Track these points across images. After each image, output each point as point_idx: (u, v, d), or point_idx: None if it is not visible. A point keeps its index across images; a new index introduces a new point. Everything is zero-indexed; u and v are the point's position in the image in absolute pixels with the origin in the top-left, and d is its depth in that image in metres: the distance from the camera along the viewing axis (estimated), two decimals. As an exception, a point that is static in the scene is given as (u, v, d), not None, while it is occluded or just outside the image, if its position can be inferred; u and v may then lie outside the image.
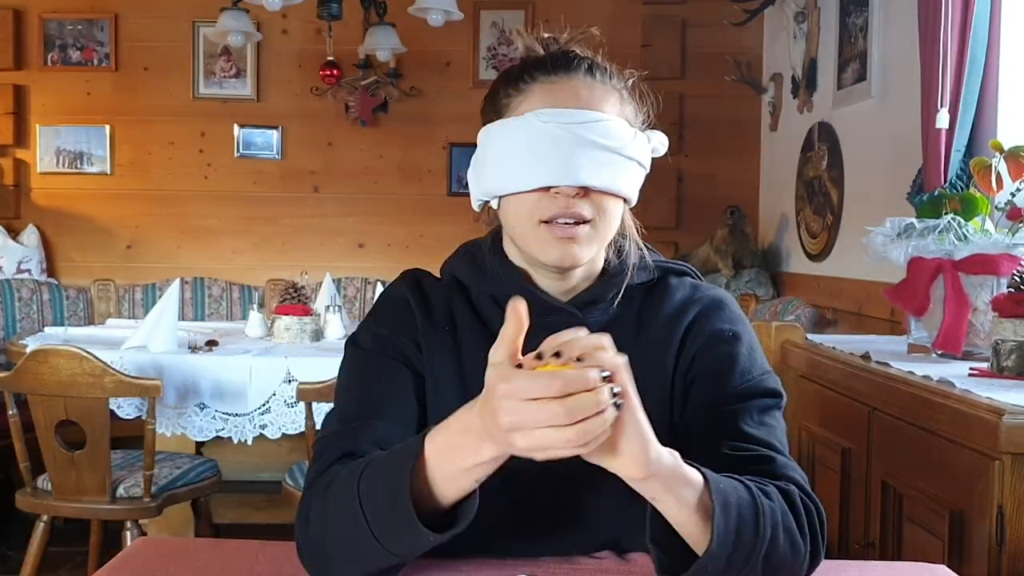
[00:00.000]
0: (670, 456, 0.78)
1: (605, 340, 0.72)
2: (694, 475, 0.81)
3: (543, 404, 0.68)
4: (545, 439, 0.69)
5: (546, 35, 1.05)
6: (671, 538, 0.83)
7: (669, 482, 0.78)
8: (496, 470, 0.98)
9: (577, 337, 0.72)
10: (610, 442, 0.73)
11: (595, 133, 0.96)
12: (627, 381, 0.72)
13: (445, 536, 0.82)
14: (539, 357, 0.72)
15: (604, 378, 0.70)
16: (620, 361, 0.72)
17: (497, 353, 0.73)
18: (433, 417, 1.02)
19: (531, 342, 1.03)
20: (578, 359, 0.71)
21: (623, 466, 0.75)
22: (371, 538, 0.84)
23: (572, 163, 0.95)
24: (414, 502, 0.80)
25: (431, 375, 1.03)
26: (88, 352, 2.35)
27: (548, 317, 1.03)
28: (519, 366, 0.72)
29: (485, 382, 0.73)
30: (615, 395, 0.70)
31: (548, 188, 0.96)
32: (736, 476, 0.86)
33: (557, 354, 0.71)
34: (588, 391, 0.68)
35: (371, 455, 0.90)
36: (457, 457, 0.79)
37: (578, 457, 0.99)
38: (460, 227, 4.10)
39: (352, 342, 1.07)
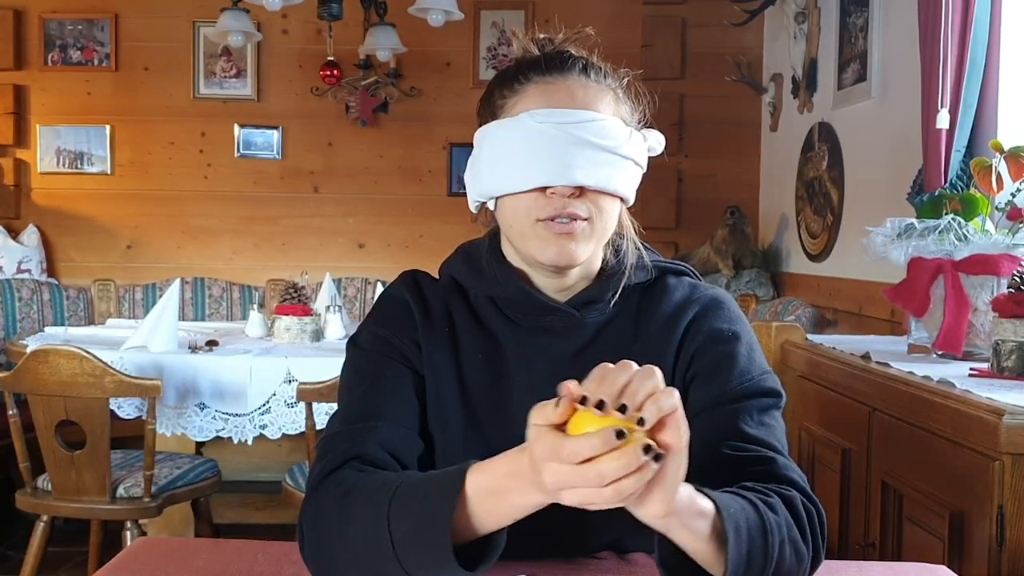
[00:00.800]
0: (686, 491, 0.77)
1: (670, 395, 0.71)
2: (706, 505, 0.80)
3: (582, 467, 0.69)
4: (589, 497, 0.71)
5: (541, 36, 1.05)
6: (680, 561, 0.83)
7: (685, 517, 0.78)
8: None
9: (637, 387, 0.71)
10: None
11: (590, 133, 0.96)
12: (680, 425, 0.71)
13: (477, 573, 0.81)
14: (600, 406, 0.70)
15: (646, 448, 0.69)
16: (671, 405, 0.71)
17: (535, 416, 0.72)
18: (433, 417, 1.02)
19: (529, 343, 1.03)
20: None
21: (645, 508, 0.74)
22: (393, 560, 0.83)
23: (567, 163, 0.95)
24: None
25: (431, 375, 1.03)
26: (88, 352, 2.35)
27: (546, 318, 1.03)
28: (582, 400, 0.71)
29: (528, 438, 0.73)
30: (656, 457, 0.69)
31: (544, 188, 0.96)
32: (742, 492, 0.86)
33: (622, 408, 0.70)
34: (617, 450, 0.68)
35: (402, 476, 0.89)
36: (500, 497, 0.79)
37: None
38: (460, 227, 4.11)
39: (352, 343, 1.07)
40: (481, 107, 1.06)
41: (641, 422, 0.69)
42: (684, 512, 0.77)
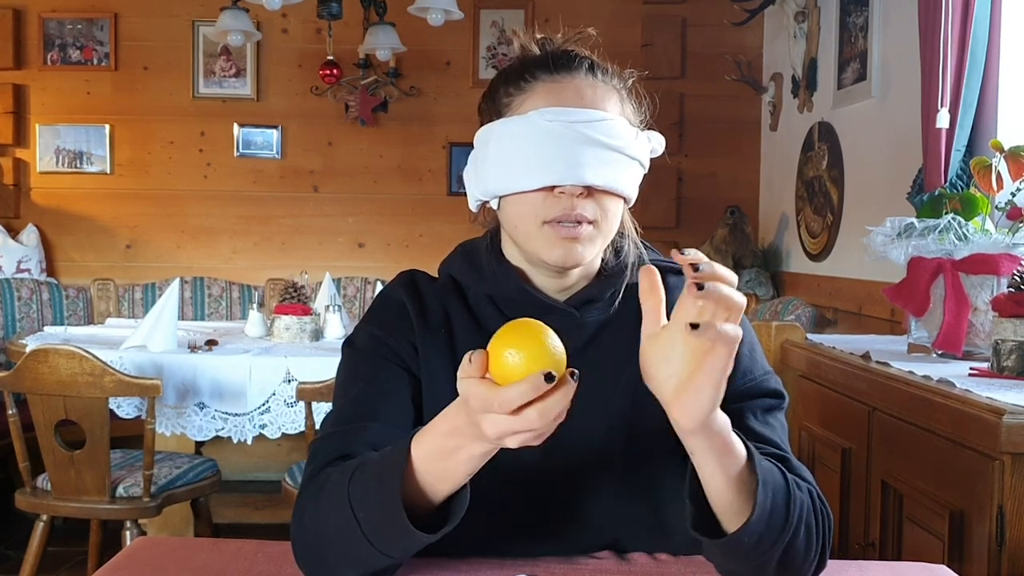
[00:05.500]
0: (724, 419, 0.80)
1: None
2: (740, 447, 0.82)
3: (520, 415, 0.71)
4: (530, 439, 0.73)
5: (539, 35, 1.04)
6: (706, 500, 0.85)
7: (715, 443, 0.80)
8: (495, 471, 0.98)
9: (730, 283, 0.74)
10: (684, 385, 0.76)
11: (599, 132, 0.96)
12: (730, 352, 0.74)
13: (437, 536, 0.83)
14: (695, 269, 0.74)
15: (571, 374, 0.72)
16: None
17: (460, 371, 0.74)
18: (429, 419, 1.02)
19: None
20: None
21: (682, 410, 0.77)
22: (364, 541, 0.84)
23: (577, 162, 0.95)
24: (405, 503, 0.81)
25: (427, 377, 1.02)
26: (88, 352, 2.35)
27: (545, 317, 1.02)
28: None
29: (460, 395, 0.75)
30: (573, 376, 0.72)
31: (552, 188, 0.96)
32: (772, 460, 0.88)
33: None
34: (555, 392, 0.71)
35: (360, 457, 0.90)
36: (447, 457, 0.80)
37: (578, 457, 1.00)
38: (460, 227, 4.11)
39: (348, 344, 1.06)
40: (484, 105, 1.05)
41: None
42: (716, 438, 0.80)
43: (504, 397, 0.71)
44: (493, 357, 0.73)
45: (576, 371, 0.73)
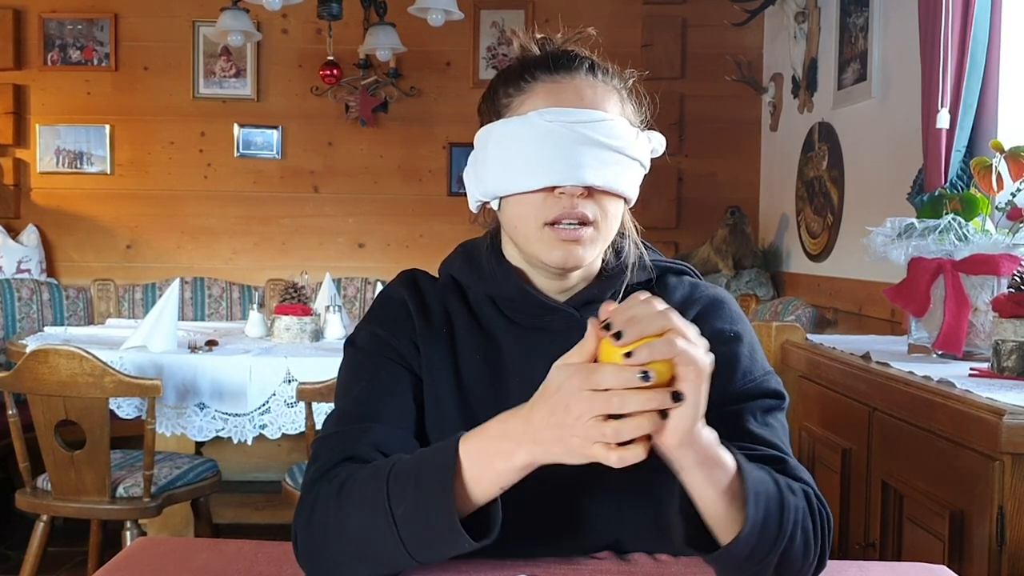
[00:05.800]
0: (709, 433, 0.80)
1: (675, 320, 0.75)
2: (728, 458, 0.82)
3: (605, 394, 0.73)
4: (597, 435, 0.74)
5: (539, 36, 1.04)
6: (697, 513, 0.84)
7: (702, 458, 0.80)
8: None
9: (649, 313, 0.75)
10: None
11: (599, 132, 0.96)
12: (692, 360, 0.74)
13: (479, 545, 0.83)
14: (607, 328, 0.75)
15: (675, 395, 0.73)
16: (689, 347, 0.75)
17: (573, 355, 0.76)
18: (430, 418, 1.02)
19: (528, 343, 1.03)
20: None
21: (659, 436, 0.77)
22: (395, 541, 0.84)
23: (577, 162, 0.95)
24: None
25: (428, 376, 1.02)
26: (88, 352, 2.35)
27: (545, 318, 1.03)
28: (606, 326, 0.75)
29: (549, 383, 0.76)
30: (676, 398, 0.73)
31: (552, 188, 0.96)
32: (764, 468, 0.87)
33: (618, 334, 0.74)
34: (643, 392, 0.72)
35: (395, 458, 0.90)
36: (489, 461, 0.81)
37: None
38: (460, 227, 4.11)
39: (350, 343, 1.06)
40: (484, 105, 1.05)
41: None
42: (702, 452, 0.79)
43: (604, 370, 0.72)
44: (609, 350, 0.75)
45: (681, 394, 0.73)
